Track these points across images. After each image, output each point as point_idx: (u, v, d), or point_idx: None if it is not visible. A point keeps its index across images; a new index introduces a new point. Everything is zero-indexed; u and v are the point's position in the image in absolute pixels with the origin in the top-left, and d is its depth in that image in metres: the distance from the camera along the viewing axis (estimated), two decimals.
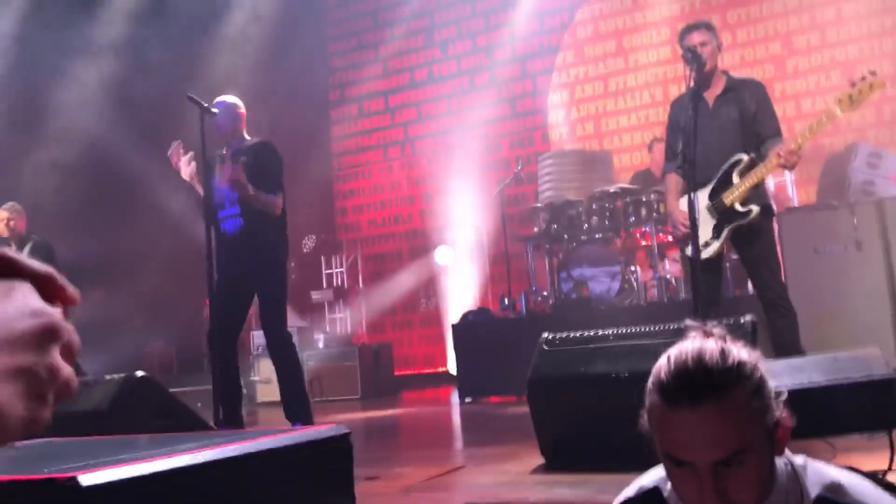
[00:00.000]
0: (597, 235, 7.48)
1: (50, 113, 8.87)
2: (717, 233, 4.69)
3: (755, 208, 4.60)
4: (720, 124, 4.75)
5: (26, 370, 0.58)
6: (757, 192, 4.69)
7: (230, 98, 5.46)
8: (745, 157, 4.65)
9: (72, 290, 0.66)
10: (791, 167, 4.58)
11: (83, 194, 8.37)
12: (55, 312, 0.62)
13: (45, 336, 0.60)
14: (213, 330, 5.09)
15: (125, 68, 9.28)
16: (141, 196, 9.17)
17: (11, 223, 7.04)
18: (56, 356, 0.61)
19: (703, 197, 4.69)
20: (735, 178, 4.65)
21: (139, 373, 4.15)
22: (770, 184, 5.55)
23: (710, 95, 4.82)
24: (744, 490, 1.33)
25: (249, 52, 10.53)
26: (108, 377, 4.16)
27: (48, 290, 0.64)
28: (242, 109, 5.44)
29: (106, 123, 9.04)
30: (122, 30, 9.43)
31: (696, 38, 4.74)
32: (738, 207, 4.63)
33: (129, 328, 8.49)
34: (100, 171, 8.88)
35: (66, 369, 0.62)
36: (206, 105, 5.20)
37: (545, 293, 7.96)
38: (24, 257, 0.64)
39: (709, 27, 4.84)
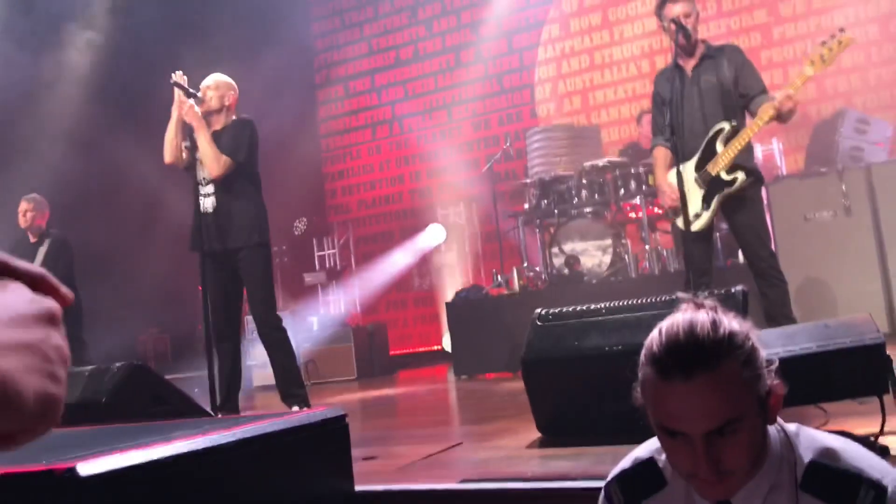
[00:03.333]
0: (587, 209, 7.49)
1: (34, 103, 8.81)
2: (706, 204, 4.70)
3: (741, 175, 4.61)
4: (701, 93, 4.76)
5: (34, 346, 0.59)
6: (744, 158, 4.69)
7: (224, 77, 5.40)
8: (726, 126, 4.65)
9: (64, 289, 0.66)
10: (787, 113, 4.53)
11: (73, 183, 8.32)
12: (52, 301, 0.64)
13: (47, 318, 0.61)
14: (214, 322, 5.11)
15: (108, 54, 9.22)
16: (131, 183, 9.13)
17: (29, 215, 7.01)
18: (60, 338, 0.62)
19: (689, 168, 4.71)
20: (719, 147, 4.65)
21: (134, 361, 4.16)
22: (758, 152, 5.57)
23: (690, 66, 4.82)
24: (737, 458, 1.35)
25: (233, 34, 10.45)
26: (103, 366, 4.16)
27: (41, 289, 0.65)
28: (235, 91, 5.38)
29: (91, 111, 8.99)
30: (104, 15, 9.36)
31: (678, 8, 4.73)
32: (724, 176, 4.64)
33: (122, 315, 8.47)
34: (88, 159, 8.83)
35: (68, 357, 0.63)
36: (190, 90, 5.18)
37: (537, 269, 7.97)
38: (15, 259, 0.64)
39: None
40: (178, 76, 5.16)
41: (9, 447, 0.59)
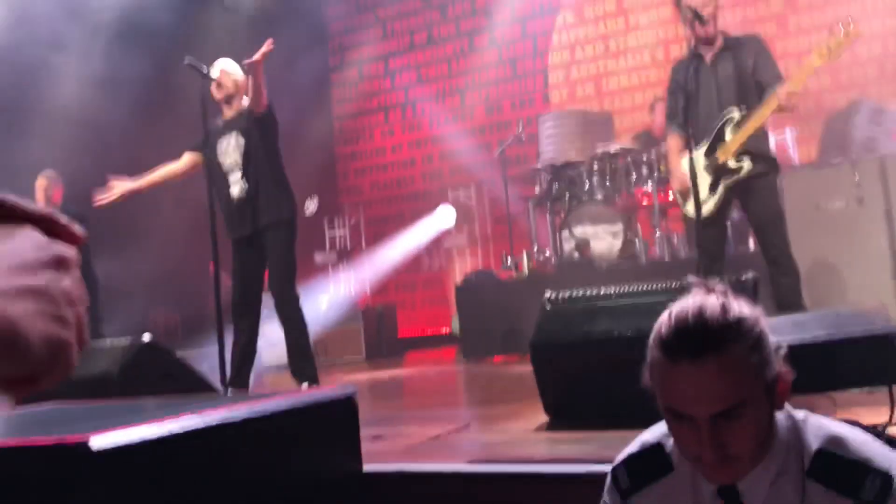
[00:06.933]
0: (598, 195, 7.47)
1: (46, 84, 8.81)
2: (712, 190, 4.71)
3: (746, 163, 4.62)
4: (719, 83, 4.75)
5: (40, 290, 0.58)
6: (758, 145, 4.69)
7: (232, 63, 5.44)
8: (736, 113, 4.65)
9: (75, 227, 0.66)
10: (791, 109, 4.56)
11: (83, 161, 8.34)
12: (63, 246, 0.63)
13: (56, 264, 0.61)
14: (235, 300, 5.21)
15: (121, 36, 9.20)
16: (143, 161, 9.14)
17: (49, 192, 7.15)
18: (69, 284, 0.61)
19: (700, 155, 4.72)
20: (728, 135, 4.66)
21: (146, 336, 4.18)
22: (771, 142, 5.55)
23: (709, 55, 4.81)
24: (742, 443, 1.35)
25: (247, 17, 10.43)
26: (114, 341, 4.19)
27: (52, 231, 0.64)
28: (243, 76, 5.43)
29: (103, 91, 8.99)
30: None
31: None
32: (731, 163, 4.65)
33: (133, 292, 8.51)
34: (100, 138, 8.85)
35: (81, 303, 0.62)
36: (204, 70, 5.20)
37: (547, 252, 7.97)
38: (23, 201, 0.64)
39: None
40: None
41: (32, 390, 0.59)
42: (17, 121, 8.45)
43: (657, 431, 1.58)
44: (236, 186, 5.30)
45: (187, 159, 5.60)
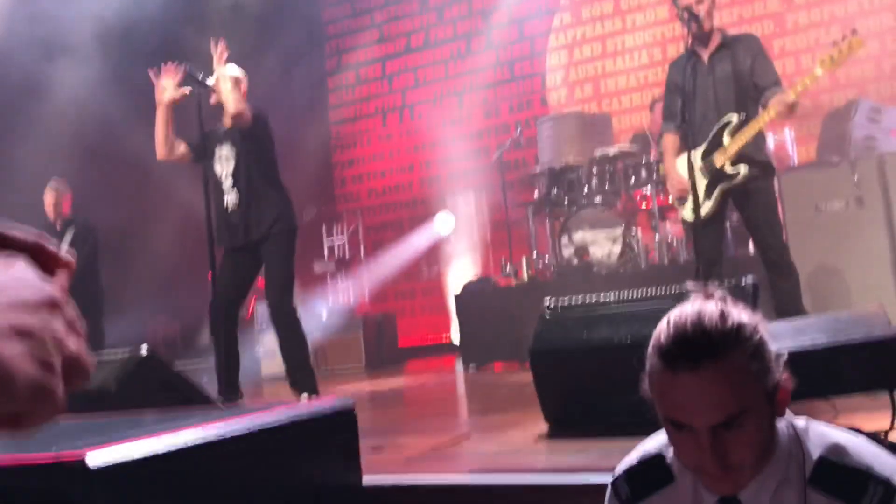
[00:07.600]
0: (597, 199, 7.46)
1: (47, 89, 8.81)
2: (708, 193, 4.70)
3: (743, 169, 4.61)
4: (716, 82, 4.75)
5: (29, 332, 0.57)
6: (754, 149, 4.68)
7: (234, 67, 5.40)
8: (735, 118, 4.64)
9: (65, 255, 0.65)
10: (791, 115, 4.61)
11: (83, 170, 8.33)
12: (54, 288, 0.62)
13: (46, 306, 0.60)
14: (216, 301, 5.14)
15: (119, 39, 9.20)
16: (142, 170, 9.13)
17: (58, 206, 7.17)
18: (60, 328, 0.60)
19: (696, 157, 4.71)
20: (726, 139, 4.65)
21: (144, 349, 4.16)
22: (770, 142, 5.55)
23: (706, 54, 4.81)
24: (743, 452, 1.34)
25: (243, 21, 10.42)
26: (112, 354, 4.17)
27: (42, 258, 0.64)
28: (244, 82, 5.38)
29: (103, 98, 8.99)
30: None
31: None
32: (728, 168, 4.64)
33: (131, 302, 8.49)
34: (99, 146, 8.84)
35: (74, 345, 0.61)
36: (201, 78, 5.17)
37: (546, 259, 7.95)
38: (9, 227, 0.63)
39: None
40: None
41: (14, 431, 0.59)
42: (19, 128, 8.45)
43: (657, 441, 1.56)
44: (229, 196, 5.26)
45: (181, 149, 5.41)
